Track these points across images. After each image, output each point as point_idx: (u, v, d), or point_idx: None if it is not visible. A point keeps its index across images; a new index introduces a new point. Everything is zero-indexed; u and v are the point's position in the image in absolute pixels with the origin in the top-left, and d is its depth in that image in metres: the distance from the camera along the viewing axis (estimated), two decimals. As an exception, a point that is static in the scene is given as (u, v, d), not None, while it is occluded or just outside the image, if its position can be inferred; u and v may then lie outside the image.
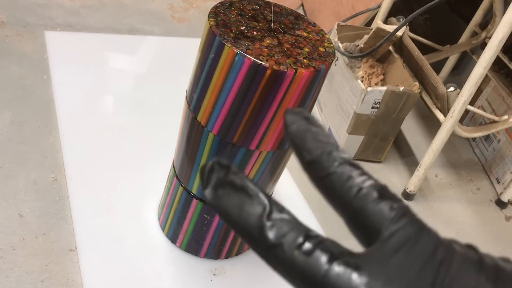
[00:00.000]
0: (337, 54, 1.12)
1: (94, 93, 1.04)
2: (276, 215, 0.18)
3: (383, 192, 0.20)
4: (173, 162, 0.75)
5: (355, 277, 0.18)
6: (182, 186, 0.72)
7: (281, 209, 0.19)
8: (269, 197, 0.19)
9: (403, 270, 0.18)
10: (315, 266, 0.18)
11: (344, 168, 0.20)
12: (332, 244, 0.19)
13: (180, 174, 0.72)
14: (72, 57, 1.11)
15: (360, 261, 0.18)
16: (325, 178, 0.20)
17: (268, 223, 0.18)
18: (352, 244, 0.22)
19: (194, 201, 0.72)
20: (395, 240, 0.19)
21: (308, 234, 0.18)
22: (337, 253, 0.18)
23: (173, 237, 0.79)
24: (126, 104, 1.04)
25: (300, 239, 0.18)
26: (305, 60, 0.57)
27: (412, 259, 0.18)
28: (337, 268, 0.18)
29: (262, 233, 0.18)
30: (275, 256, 0.18)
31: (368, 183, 0.20)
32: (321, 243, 0.18)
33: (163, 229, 0.80)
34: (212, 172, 0.19)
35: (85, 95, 1.02)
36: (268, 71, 0.55)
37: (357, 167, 0.20)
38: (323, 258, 0.18)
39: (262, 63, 0.55)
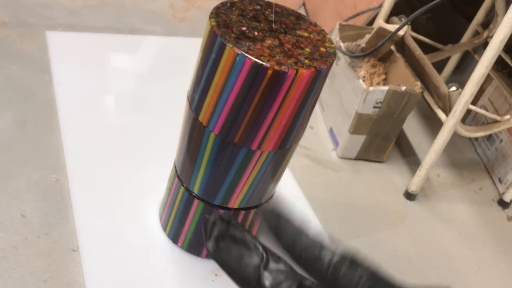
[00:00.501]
0: (339, 53, 1.12)
1: (96, 93, 1.04)
2: (272, 265, 0.20)
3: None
4: (174, 162, 0.75)
5: None
6: (183, 186, 0.72)
7: (278, 259, 0.20)
8: (266, 249, 0.20)
9: None
10: None
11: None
12: None
13: (182, 174, 0.72)
14: (74, 57, 1.11)
15: None
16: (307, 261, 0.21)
17: (265, 273, 0.19)
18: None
19: (196, 201, 0.72)
20: None
21: (302, 283, 0.20)
22: None
23: (174, 237, 0.79)
24: (127, 104, 1.05)
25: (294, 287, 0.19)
26: (306, 61, 0.57)
27: None
28: None
29: (259, 281, 0.19)
30: None
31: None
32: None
33: (164, 229, 0.80)
34: (215, 226, 0.20)
35: (87, 95, 1.02)
36: (269, 72, 0.55)
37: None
38: None
39: (263, 63, 0.55)
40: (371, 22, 1.26)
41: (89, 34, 1.20)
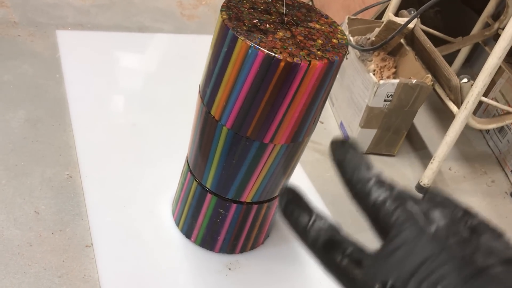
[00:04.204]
0: (349, 47, 1.12)
1: (106, 91, 1.05)
2: (317, 223, 0.26)
3: (394, 202, 0.25)
4: (186, 157, 0.76)
5: (355, 271, 0.25)
6: (196, 181, 0.73)
7: (322, 218, 0.27)
8: (315, 211, 0.27)
9: (393, 266, 0.23)
10: (334, 258, 0.25)
11: (371, 186, 0.26)
12: (351, 244, 0.25)
13: (194, 169, 0.72)
14: (84, 56, 1.11)
15: (364, 257, 0.25)
16: (357, 194, 0.27)
17: (311, 229, 0.26)
18: (365, 237, 0.28)
19: (209, 195, 0.72)
20: (395, 242, 0.24)
21: (335, 236, 0.26)
22: (350, 251, 0.25)
23: (187, 232, 0.79)
24: (137, 101, 1.05)
25: (330, 238, 0.26)
26: (318, 52, 0.57)
27: (402, 258, 0.23)
28: (345, 263, 0.25)
29: (305, 233, 0.27)
30: (312, 248, 0.26)
31: (384, 195, 0.26)
32: (344, 242, 0.26)
33: (177, 225, 0.80)
34: (285, 194, 0.28)
35: (97, 93, 1.03)
36: (282, 64, 0.55)
37: (381, 183, 0.26)
38: (339, 253, 0.25)
39: (276, 55, 0.54)
40: (379, 16, 1.26)
41: (98, 32, 1.21)
